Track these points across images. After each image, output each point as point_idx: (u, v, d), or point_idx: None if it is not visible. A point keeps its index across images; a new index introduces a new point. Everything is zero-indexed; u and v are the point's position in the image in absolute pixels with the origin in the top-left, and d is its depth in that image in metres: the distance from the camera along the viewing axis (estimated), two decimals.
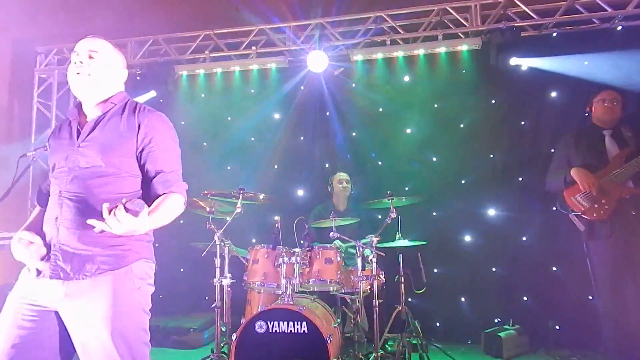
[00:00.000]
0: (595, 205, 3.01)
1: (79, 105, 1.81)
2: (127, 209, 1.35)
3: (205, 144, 5.27)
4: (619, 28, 4.37)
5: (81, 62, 1.71)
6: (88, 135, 1.70)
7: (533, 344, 4.05)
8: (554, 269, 4.35)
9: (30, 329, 1.58)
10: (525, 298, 4.38)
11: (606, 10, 4.25)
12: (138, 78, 5.28)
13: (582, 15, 4.32)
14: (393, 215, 3.33)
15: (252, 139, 5.20)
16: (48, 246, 1.63)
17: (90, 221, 1.42)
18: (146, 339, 1.67)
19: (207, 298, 4.88)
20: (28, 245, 1.61)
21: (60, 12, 5.31)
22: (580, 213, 3.09)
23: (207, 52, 5.11)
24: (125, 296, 1.61)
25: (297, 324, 2.85)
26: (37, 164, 2.89)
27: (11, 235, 3.96)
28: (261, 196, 3.48)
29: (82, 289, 1.58)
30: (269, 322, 2.88)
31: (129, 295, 1.63)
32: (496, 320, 4.31)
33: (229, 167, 5.20)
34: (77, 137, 1.71)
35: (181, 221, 5.10)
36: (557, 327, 4.18)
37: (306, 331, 2.83)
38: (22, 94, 5.43)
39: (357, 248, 3.24)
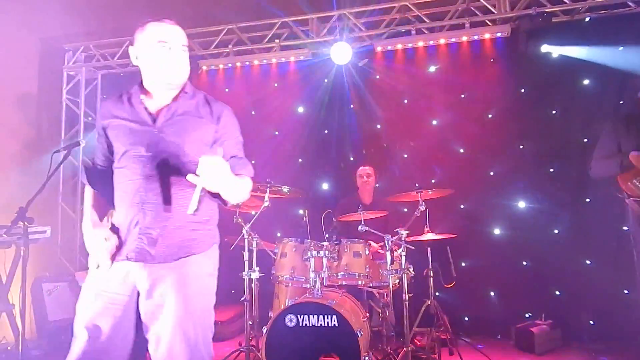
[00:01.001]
0: None
1: (141, 87, 1.77)
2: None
3: None
4: None
5: (174, 53, 1.70)
6: (168, 120, 1.70)
7: (566, 338, 3.95)
8: (588, 262, 4.22)
9: (111, 315, 1.60)
10: (557, 292, 4.27)
11: None
12: None
13: None
14: (422, 208, 3.27)
15: (276, 132, 5.20)
16: (125, 230, 1.65)
17: (189, 176, 1.45)
18: (212, 323, 1.71)
19: (233, 292, 4.92)
20: (104, 241, 1.61)
21: (86, 10, 5.38)
22: (635, 199, 2.94)
23: (230, 47, 5.11)
24: (203, 280, 1.68)
25: (327, 318, 2.85)
26: (67, 159, 2.96)
27: (45, 229, 4.11)
28: (286, 189, 3.47)
29: (164, 271, 1.61)
30: (299, 316, 2.88)
31: (206, 279, 1.70)
32: (527, 315, 4.22)
33: (253, 161, 5.10)
34: (153, 122, 1.70)
35: None
36: (591, 322, 4.07)
37: (336, 325, 2.82)
38: (51, 91, 5.54)
39: (386, 242, 3.20)
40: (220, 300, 5.09)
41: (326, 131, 5.07)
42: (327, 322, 2.84)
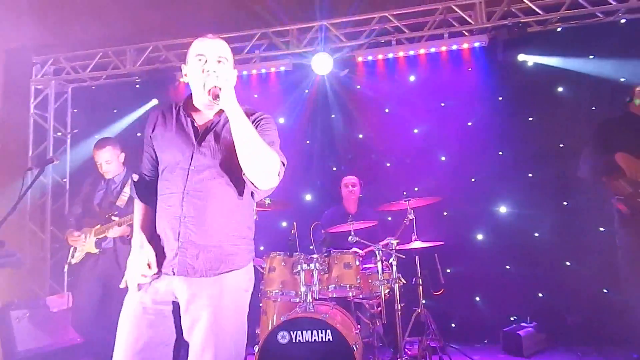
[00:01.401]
0: None
1: (189, 101, 1.80)
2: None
3: None
4: (623, 21, 4.37)
5: (210, 67, 1.69)
6: (209, 135, 1.72)
7: (550, 340, 4.01)
8: (568, 263, 4.33)
9: (152, 328, 1.62)
10: (540, 294, 4.35)
11: (610, 4, 4.25)
12: (137, 86, 5.19)
13: (585, 9, 4.32)
14: (411, 216, 3.27)
15: None
16: (167, 243, 1.67)
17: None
18: (245, 340, 1.70)
19: None
20: (147, 268, 1.64)
21: (55, 21, 5.20)
22: (621, 198, 3.01)
23: None
24: (240, 295, 1.69)
25: (322, 333, 2.78)
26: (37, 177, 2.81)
27: (12, 252, 3.88)
28: (269, 201, 3.40)
29: (203, 286, 1.63)
30: (291, 332, 2.80)
31: (243, 295, 1.71)
32: (512, 318, 4.28)
33: None
34: (196, 137, 1.72)
35: None
36: (572, 322, 4.16)
37: (331, 340, 2.76)
38: (17, 105, 5.30)
39: (377, 252, 3.17)
40: None
41: (308, 142, 5.04)
42: (322, 337, 2.77)
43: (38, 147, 5.29)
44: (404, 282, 3.30)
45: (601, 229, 4.20)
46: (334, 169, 4.94)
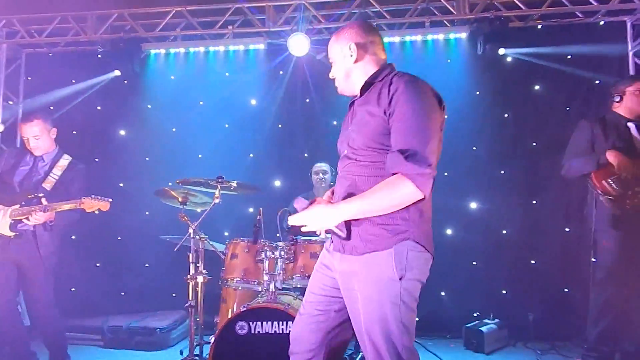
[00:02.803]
0: (629, 192, 2.90)
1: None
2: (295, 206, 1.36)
3: (174, 129, 4.90)
4: (602, 23, 4.38)
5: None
6: (353, 118, 1.75)
7: (512, 337, 4.03)
8: (533, 262, 4.35)
9: (328, 293, 1.75)
10: (504, 292, 4.36)
11: (591, 4, 4.24)
12: (99, 56, 4.84)
13: (566, 8, 4.29)
14: None
15: (226, 125, 4.88)
16: None
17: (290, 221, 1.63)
18: (399, 334, 1.55)
19: (173, 295, 4.57)
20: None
21: None
22: (610, 197, 2.97)
23: (178, 30, 4.74)
24: (382, 282, 1.56)
25: (282, 324, 2.64)
26: None
27: None
28: (236, 185, 3.21)
29: (350, 265, 1.64)
30: (251, 323, 2.65)
31: (385, 285, 1.56)
32: (475, 314, 4.27)
33: (200, 155, 4.86)
34: (351, 120, 1.76)
35: (146, 212, 4.76)
36: (533, 320, 4.18)
37: None
38: None
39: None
40: (159, 305, 4.72)
41: (280, 125, 4.84)
42: (282, 329, 2.63)
43: None
44: None
45: (567, 229, 4.24)
46: (306, 155, 4.77)
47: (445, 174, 4.53)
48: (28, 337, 3.23)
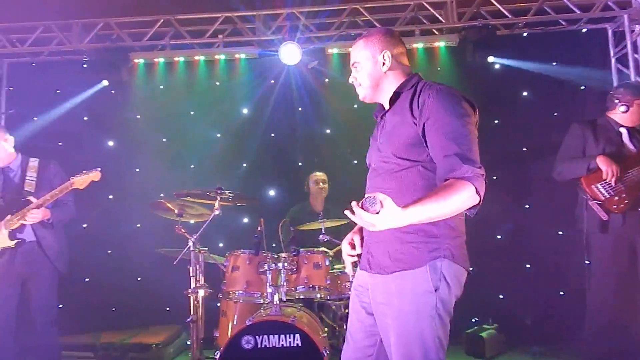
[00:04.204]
0: (616, 198, 2.95)
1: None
2: (362, 206, 1.30)
3: (164, 139, 4.80)
4: (584, 30, 4.52)
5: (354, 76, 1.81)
6: (381, 131, 1.74)
7: (510, 342, 4.05)
8: (527, 266, 4.40)
9: (359, 321, 1.74)
10: (501, 296, 4.40)
11: (574, 12, 4.37)
12: (85, 66, 4.71)
13: (550, 16, 4.41)
14: None
15: (218, 135, 4.81)
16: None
17: (346, 212, 1.36)
18: (435, 350, 1.53)
19: (167, 309, 4.45)
20: (350, 251, 1.81)
21: None
22: (599, 202, 3.01)
23: (166, 39, 4.66)
24: (416, 299, 1.54)
25: (290, 337, 2.59)
26: None
27: None
28: (234, 196, 3.15)
29: (379, 283, 1.63)
30: (257, 337, 2.59)
31: (421, 298, 1.54)
32: (473, 320, 4.28)
33: (192, 166, 4.77)
34: (380, 132, 1.75)
35: (138, 225, 4.63)
36: (529, 323, 4.23)
37: (299, 345, 2.58)
38: None
39: None
40: (153, 320, 4.58)
41: (273, 134, 4.80)
42: (290, 342, 2.58)
43: None
44: None
45: (559, 232, 4.31)
46: (300, 164, 4.74)
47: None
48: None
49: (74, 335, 4.01)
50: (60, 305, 4.40)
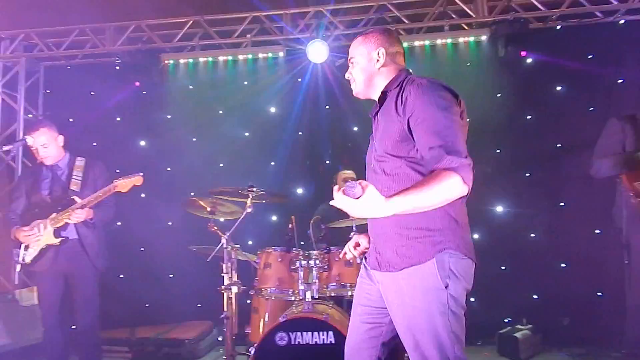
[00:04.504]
0: None
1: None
2: (344, 192, 1.31)
3: (194, 139, 4.89)
4: (622, 22, 4.35)
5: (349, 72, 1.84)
6: (376, 131, 1.75)
7: (546, 342, 3.95)
8: (563, 265, 4.28)
9: (375, 304, 1.75)
10: (535, 296, 4.29)
11: (610, 3, 4.22)
12: (117, 68, 4.83)
13: (585, 8, 4.27)
14: None
15: (247, 134, 4.87)
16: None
17: (332, 202, 1.38)
18: (450, 345, 1.54)
19: (199, 305, 4.52)
20: (355, 246, 1.90)
21: None
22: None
23: (196, 40, 4.74)
24: (427, 296, 1.55)
25: (323, 334, 2.58)
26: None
27: None
28: (265, 194, 3.16)
29: (389, 282, 1.64)
30: (290, 333, 2.59)
31: (431, 296, 1.54)
32: (506, 320, 4.19)
33: (221, 165, 4.84)
34: (375, 132, 1.77)
35: (169, 223, 4.72)
36: (566, 324, 4.11)
37: (333, 342, 2.56)
38: None
39: None
40: (184, 316, 4.66)
41: (300, 133, 4.81)
42: (323, 339, 2.57)
43: (6, 129, 4.86)
44: None
45: (597, 231, 4.17)
46: (327, 162, 4.74)
47: None
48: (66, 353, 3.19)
49: (109, 330, 4.12)
50: None
